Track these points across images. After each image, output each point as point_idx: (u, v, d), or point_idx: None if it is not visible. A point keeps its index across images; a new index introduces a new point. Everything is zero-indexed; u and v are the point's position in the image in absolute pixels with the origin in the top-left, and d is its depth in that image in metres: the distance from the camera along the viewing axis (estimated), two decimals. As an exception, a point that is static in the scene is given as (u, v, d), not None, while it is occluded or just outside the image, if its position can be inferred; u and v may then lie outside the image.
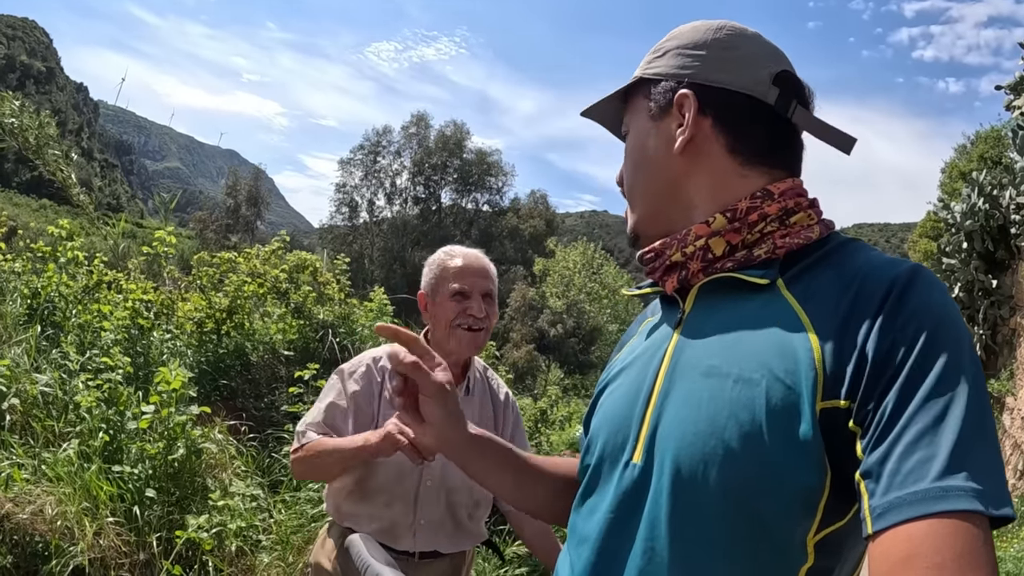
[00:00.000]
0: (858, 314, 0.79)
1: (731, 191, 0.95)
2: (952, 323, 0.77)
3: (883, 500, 0.69)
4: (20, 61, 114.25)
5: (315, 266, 6.50)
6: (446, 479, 2.05)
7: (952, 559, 0.64)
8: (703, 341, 0.91)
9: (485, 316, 2.04)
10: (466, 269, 2.06)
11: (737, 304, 0.90)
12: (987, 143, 17.48)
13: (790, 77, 0.97)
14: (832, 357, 0.78)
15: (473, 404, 2.15)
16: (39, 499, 3.12)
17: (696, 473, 0.82)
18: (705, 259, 0.94)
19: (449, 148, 40.88)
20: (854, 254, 0.88)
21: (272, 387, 5.47)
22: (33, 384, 3.88)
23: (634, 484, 0.90)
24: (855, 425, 0.76)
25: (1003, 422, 11.65)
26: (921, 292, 0.78)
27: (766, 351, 0.82)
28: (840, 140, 0.97)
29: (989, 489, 0.67)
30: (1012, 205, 12.04)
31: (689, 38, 1.01)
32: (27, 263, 5.78)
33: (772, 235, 0.91)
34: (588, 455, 1.02)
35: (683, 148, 0.97)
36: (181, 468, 3.74)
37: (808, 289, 0.86)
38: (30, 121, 10.57)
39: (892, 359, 0.74)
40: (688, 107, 0.96)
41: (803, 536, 0.79)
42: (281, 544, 3.73)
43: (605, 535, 0.92)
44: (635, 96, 1.06)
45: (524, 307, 30.51)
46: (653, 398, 0.92)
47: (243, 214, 36.65)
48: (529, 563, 4.22)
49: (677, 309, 0.99)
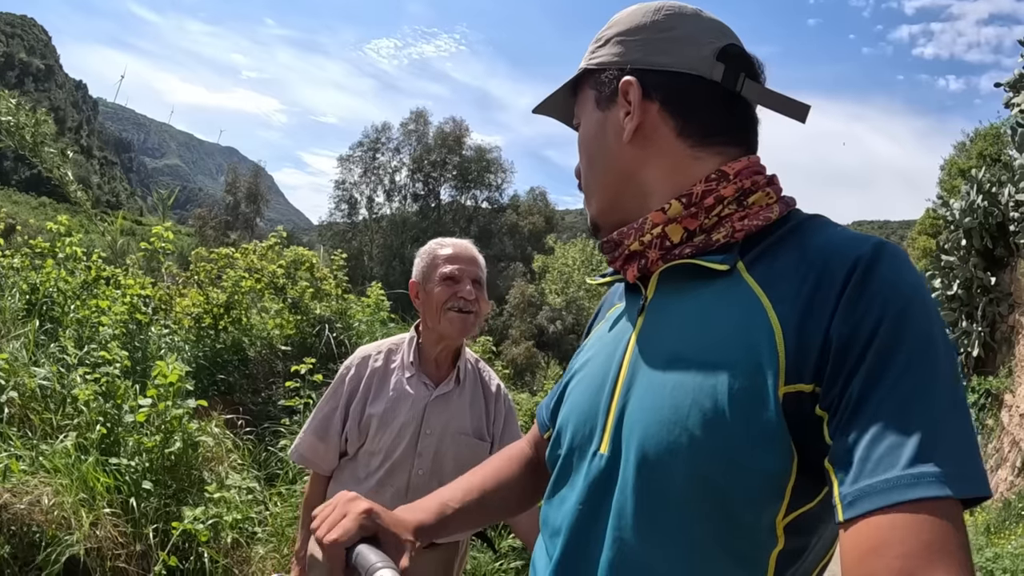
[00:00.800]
0: (821, 295, 0.77)
1: (685, 175, 0.93)
2: (920, 301, 0.75)
3: (853, 488, 0.69)
4: (19, 59, 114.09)
5: (312, 262, 6.51)
6: (437, 469, 2.08)
7: (921, 548, 0.64)
8: (665, 328, 0.91)
9: (475, 299, 2.10)
10: (456, 256, 2.14)
11: (698, 290, 0.89)
12: (986, 140, 17.48)
13: (736, 51, 0.94)
14: (795, 340, 0.76)
15: (464, 394, 2.18)
16: (36, 490, 3.14)
17: (662, 461, 0.82)
18: (663, 247, 0.92)
19: (448, 145, 40.86)
20: (816, 232, 0.86)
21: (269, 382, 5.48)
22: (31, 378, 3.89)
23: (601, 474, 0.90)
24: (822, 410, 0.75)
25: (1001, 419, 11.66)
26: (886, 270, 0.76)
27: (727, 337, 0.81)
28: (793, 109, 0.93)
29: (961, 471, 0.66)
30: (1011, 202, 12.04)
31: (628, 23, 0.99)
32: (26, 259, 5.79)
33: (730, 218, 0.89)
34: (557, 447, 1.02)
35: (632, 136, 0.95)
36: (178, 461, 3.75)
37: (769, 271, 0.84)
38: (26, 119, 10.57)
39: (857, 341, 0.73)
40: (633, 94, 0.94)
41: (771, 519, 0.79)
42: (276, 536, 3.76)
43: (575, 525, 0.93)
44: (583, 88, 1.05)
45: (523, 303, 30.52)
46: (618, 388, 0.92)
47: (242, 211, 36.68)
48: (524, 556, 4.24)
49: (639, 297, 0.98)
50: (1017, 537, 8.22)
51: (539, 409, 1.27)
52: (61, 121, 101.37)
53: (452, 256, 2.14)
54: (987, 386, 12.24)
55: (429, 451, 2.07)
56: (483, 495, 1.19)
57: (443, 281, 2.10)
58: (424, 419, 2.08)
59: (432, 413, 2.09)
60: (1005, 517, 9.42)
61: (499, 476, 1.23)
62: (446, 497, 1.15)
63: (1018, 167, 11.86)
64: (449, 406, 2.13)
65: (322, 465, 2.17)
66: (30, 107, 11.17)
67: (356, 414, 2.10)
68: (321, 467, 2.17)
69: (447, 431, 2.10)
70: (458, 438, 2.11)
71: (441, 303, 2.09)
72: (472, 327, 2.14)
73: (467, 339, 2.25)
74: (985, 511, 9.88)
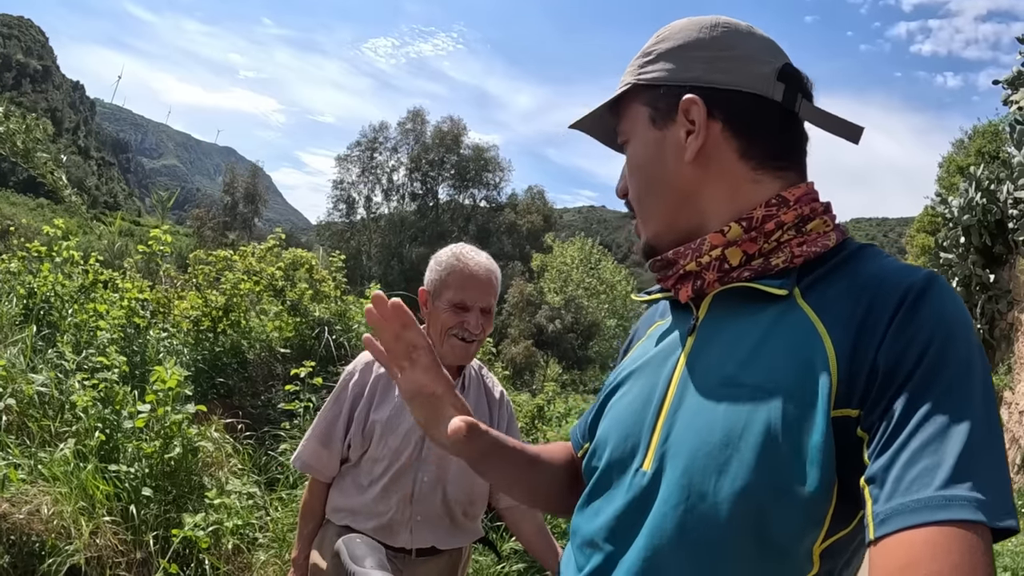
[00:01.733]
0: (872, 322, 0.78)
1: (745, 198, 0.93)
2: (964, 333, 0.76)
3: (886, 506, 0.69)
4: (16, 60, 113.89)
5: (311, 263, 6.50)
6: (442, 476, 2.07)
7: (950, 569, 0.64)
8: (718, 350, 0.90)
9: (480, 331, 2.05)
10: (471, 281, 2.03)
11: (753, 313, 0.89)
12: (985, 138, 17.45)
13: (792, 70, 0.94)
14: (846, 366, 0.78)
15: (468, 402, 2.15)
16: (35, 499, 3.12)
17: (707, 483, 0.82)
18: (721, 269, 0.91)
19: (446, 144, 40.85)
20: (869, 261, 0.87)
21: (269, 385, 5.47)
22: (29, 384, 3.88)
23: (643, 491, 0.90)
24: (863, 431, 0.76)
25: (1001, 417, 11.68)
26: (934, 301, 0.78)
27: (784, 362, 0.82)
28: (847, 130, 0.94)
29: (993, 500, 0.67)
30: (1009, 200, 12.03)
31: (683, 38, 0.96)
32: (22, 263, 5.77)
33: (789, 243, 0.89)
34: (596, 458, 1.01)
35: (695, 156, 0.93)
36: (177, 467, 3.74)
37: (823, 298, 0.85)
38: (16, 125, 10.56)
39: (902, 367, 0.74)
40: (696, 112, 0.93)
41: (810, 546, 0.80)
42: (278, 542, 3.74)
43: (610, 539, 0.92)
44: (630, 104, 1.01)
45: (522, 303, 30.51)
46: (665, 406, 0.92)
47: (241, 211, 36.64)
48: (526, 559, 4.22)
49: (690, 316, 0.97)
50: (1017, 535, 8.23)
51: (573, 430, 1.24)
52: (58, 122, 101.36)
53: (466, 281, 2.03)
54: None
55: (434, 457, 2.05)
56: (532, 458, 1.14)
57: (451, 307, 2.02)
58: None
59: None
60: (1005, 514, 9.43)
61: (551, 455, 1.20)
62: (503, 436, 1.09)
63: (1016, 164, 11.85)
64: None
65: (324, 472, 2.14)
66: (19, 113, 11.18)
67: (360, 420, 2.08)
68: (323, 474, 2.15)
69: None
70: None
71: (446, 328, 2.03)
72: (473, 354, 2.11)
73: None
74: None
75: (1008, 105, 13.46)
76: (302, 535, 2.19)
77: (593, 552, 0.95)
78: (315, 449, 2.12)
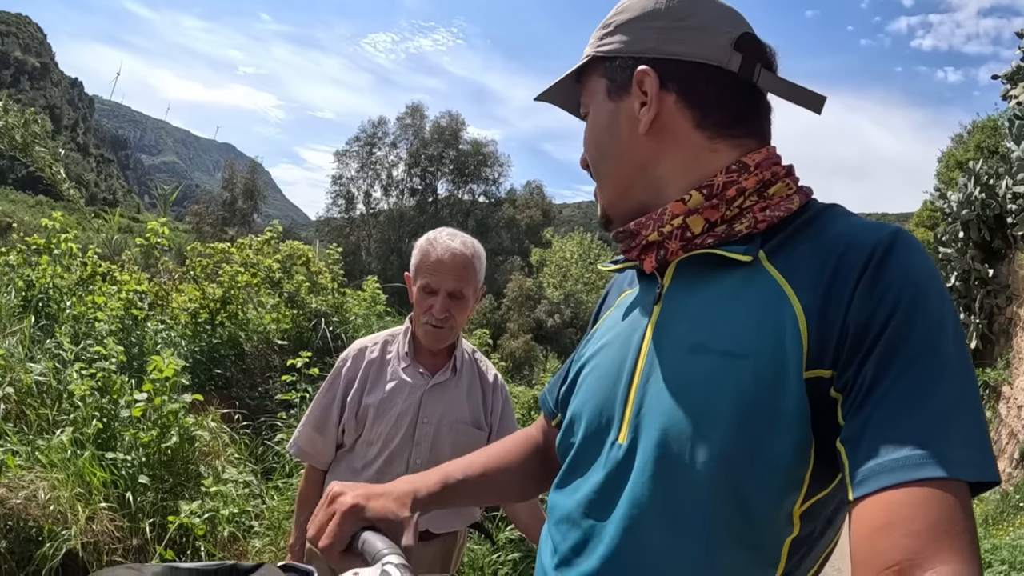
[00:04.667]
0: (840, 282, 0.78)
1: (704, 167, 0.92)
2: (933, 288, 0.76)
3: (863, 467, 0.70)
4: (14, 57, 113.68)
5: (308, 256, 6.50)
6: (435, 458, 2.07)
7: (928, 527, 0.64)
8: (685, 318, 0.90)
9: (445, 317, 2.05)
10: (439, 265, 2.05)
11: (718, 279, 0.88)
12: (984, 132, 17.42)
13: (751, 39, 0.93)
14: (817, 327, 0.77)
15: (461, 384, 2.17)
16: (32, 485, 3.14)
17: (682, 451, 0.82)
18: (684, 237, 0.91)
19: (445, 139, 40.74)
20: (834, 220, 0.87)
21: (266, 376, 5.48)
22: (27, 373, 3.89)
23: (619, 464, 0.89)
24: (836, 392, 0.76)
25: (999, 411, 11.67)
26: (900, 258, 0.77)
27: (753, 325, 0.81)
28: (809, 100, 0.93)
29: (969, 455, 0.67)
30: (1008, 194, 12.01)
31: (639, 9, 0.95)
32: (21, 256, 5.78)
33: (752, 209, 0.89)
34: (571, 435, 1.01)
35: (648, 127, 0.93)
36: (174, 455, 3.75)
37: (790, 260, 0.84)
38: (15, 120, 10.56)
39: (872, 325, 0.74)
40: (649, 84, 0.92)
41: (789, 508, 0.80)
42: (273, 530, 3.75)
43: (588, 514, 0.92)
44: (591, 76, 1.01)
45: (521, 297, 30.48)
46: (636, 377, 0.91)
47: (240, 207, 36.55)
48: (522, 548, 4.24)
49: (655, 285, 0.97)
50: (1015, 528, 8.23)
51: (543, 397, 1.25)
52: (57, 119, 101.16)
53: (434, 265, 2.05)
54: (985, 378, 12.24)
55: (427, 440, 2.07)
56: (485, 473, 1.17)
57: (421, 290, 2.07)
58: (421, 407, 2.08)
59: (429, 402, 2.09)
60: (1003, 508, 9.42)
61: (505, 458, 1.22)
62: (448, 469, 1.14)
63: (1015, 159, 11.82)
64: (446, 395, 2.12)
65: (319, 458, 2.16)
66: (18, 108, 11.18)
67: (353, 405, 2.10)
68: (318, 460, 2.16)
69: (444, 420, 2.09)
70: (456, 427, 2.10)
71: (418, 310, 2.10)
72: (445, 339, 2.12)
73: (462, 332, 2.25)
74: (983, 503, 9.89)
75: (1007, 100, 13.42)
76: (299, 522, 2.20)
77: (570, 528, 0.95)
78: (310, 436, 2.14)
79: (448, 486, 1.10)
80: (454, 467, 1.15)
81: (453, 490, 1.10)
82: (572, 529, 0.94)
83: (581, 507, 0.94)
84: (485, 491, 1.19)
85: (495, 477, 1.18)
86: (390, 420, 2.06)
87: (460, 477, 1.12)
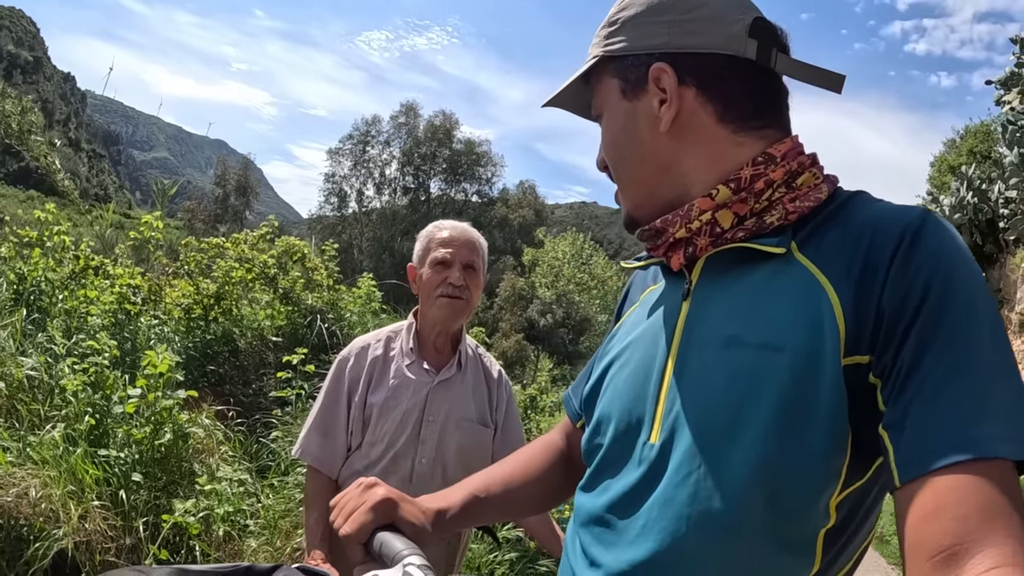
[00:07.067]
0: (872, 267, 0.77)
1: (729, 161, 0.90)
2: (964, 267, 0.75)
3: (908, 452, 0.69)
4: (7, 50, 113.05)
5: (304, 252, 6.46)
6: (441, 457, 2.05)
7: (976, 510, 0.63)
8: (717, 312, 0.88)
9: (463, 285, 2.07)
10: (451, 240, 2.11)
11: (749, 273, 0.87)
12: (976, 137, 17.49)
13: (763, 23, 0.91)
14: (852, 313, 0.76)
15: (466, 380, 2.14)
16: (24, 482, 3.09)
17: (719, 450, 0.80)
18: (713, 233, 0.89)
19: (438, 138, 40.73)
20: (862, 207, 0.85)
21: (260, 373, 5.44)
22: (19, 368, 3.84)
23: (652, 465, 0.87)
24: (875, 377, 0.75)
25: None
26: (931, 239, 0.76)
27: (788, 316, 0.80)
28: (828, 80, 0.91)
29: (1013, 432, 0.66)
30: (1000, 199, 12.07)
31: (646, 3, 0.93)
32: (13, 249, 5.72)
33: (781, 200, 0.87)
34: (599, 436, 0.99)
35: (670, 126, 0.91)
36: (168, 453, 3.71)
37: (820, 249, 0.83)
38: (12, 107, 10.50)
39: (907, 308, 0.73)
40: (667, 81, 0.90)
41: (827, 500, 0.78)
42: (268, 529, 3.71)
43: (619, 515, 0.90)
44: (601, 76, 0.98)
45: (513, 297, 30.46)
46: (667, 375, 0.89)
47: (232, 204, 36.46)
48: (519, 548, 4.21)
49: (682, 281, 0.95)
50: None
51: (566, 397, 1.23)
52: (49, 113, 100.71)
53: (446, 240, 2.11)
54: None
55: (432, 439, 2.03)
56: (508, 487, 1.13)
57: (434, 266, 2.08)
58: (427, 406, 2.04)
59: (435, 399, 2.05)
60: None
61: (528, 469, 1.18)
62: (471, 487, 1.10)
63: (1008, 164, 11.87)
64: (452, 392, 2.09)
65: (329, 464, 2.08)
66: (15, 95, 11.14)
67: (359, 405, 2.05)
68: (328, 466, 2.09)
69: (450, 418, 2.05)
70: (462, 424, 2.06)
71: (432, 288, 2.07)
72: (462, 313, 2.10)
73: (463, 323, 2.21)
74: None
75: (1000, 105, 13.47)
76: (307, 525, 2.13)
77: (601, 530, 0.92)
78: (319, 441, 2.08)
79: (470, 505, 1.07)
80: (476, 485, 1.11)
81: (477, 510, 1.08)
82: (602, 531, 0.92)
83: (611, 508, 0.92)
84: (509, 507, 1.15)
85: (519, 491, 1.15)
86: (395, 419, 2.02)
87: (483, 496, 1.10)
